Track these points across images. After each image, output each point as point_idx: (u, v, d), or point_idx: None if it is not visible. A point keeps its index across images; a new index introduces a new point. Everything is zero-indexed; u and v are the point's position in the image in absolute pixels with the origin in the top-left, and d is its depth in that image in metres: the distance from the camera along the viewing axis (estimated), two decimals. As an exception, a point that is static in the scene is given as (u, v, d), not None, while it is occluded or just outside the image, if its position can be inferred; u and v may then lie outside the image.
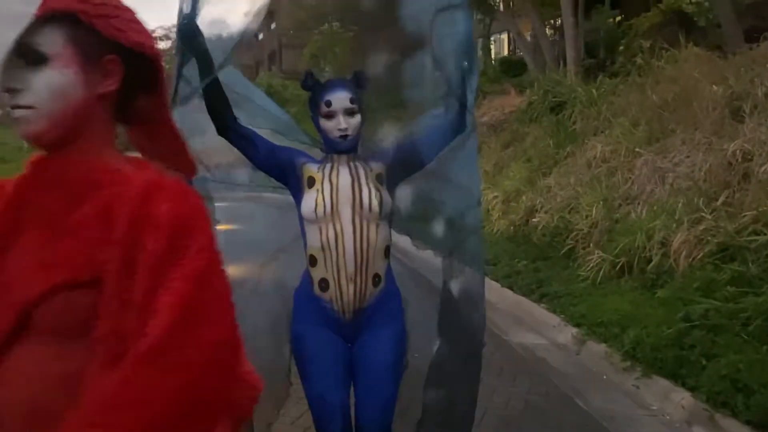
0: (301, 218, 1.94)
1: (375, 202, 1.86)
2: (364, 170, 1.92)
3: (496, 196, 8.64)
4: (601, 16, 18.93)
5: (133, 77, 0.93)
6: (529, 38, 17.61)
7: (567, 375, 3.83)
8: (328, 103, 1.89)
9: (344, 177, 1.90)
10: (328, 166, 1.94)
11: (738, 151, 4.95)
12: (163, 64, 1.00)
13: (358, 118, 1.91)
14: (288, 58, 38.24)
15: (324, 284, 1.90)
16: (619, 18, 19.76)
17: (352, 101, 1.90)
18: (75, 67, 0.87)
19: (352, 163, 1.93)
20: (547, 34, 16.33)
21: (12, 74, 0.85)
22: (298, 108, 24.34)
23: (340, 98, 1.89)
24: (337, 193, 1.87)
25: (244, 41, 2.00)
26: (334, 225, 1.86)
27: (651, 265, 4.94)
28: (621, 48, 13.83)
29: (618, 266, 5.25)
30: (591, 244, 5.90)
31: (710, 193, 4.97)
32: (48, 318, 0.84)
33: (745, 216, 4.39)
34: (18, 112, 0.85)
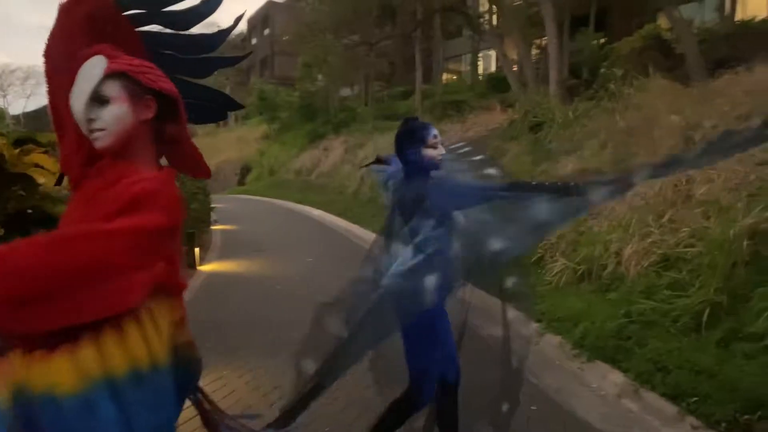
0: None
1: None
2: None
3: (476, 208, 9.35)
4: (585, 37, 19.76)
5: (163, 111, 1.51)
6: (515, 56, 18.39)
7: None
8: (435, 137, 2.55)
9: None
10: None
11: (683, 176, 5.69)
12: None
13: None
14: (281, 64, 38.82)
15: None
16: (603, 40, 20.65)
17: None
18: (127, 103, 1.45)
19: None
20: (530, 54, 17.06)
21: (90, 111, 1.45)
22: (290, 113, 24.63)
23: (437, 134, 2.57)
24: None
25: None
26: None
27: (606, 271, 5.67)
28: (602, 70, 14.58)
29: (579, 273, 5.96)
30: (557, 254, 6.62)
31: (659, 210, 5.71)
32: None
33: (683, 231, 5.13)
34: (95, 134, 1.45)
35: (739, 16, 17.42)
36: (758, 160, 5.13)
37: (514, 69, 17.63)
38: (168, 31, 1.78)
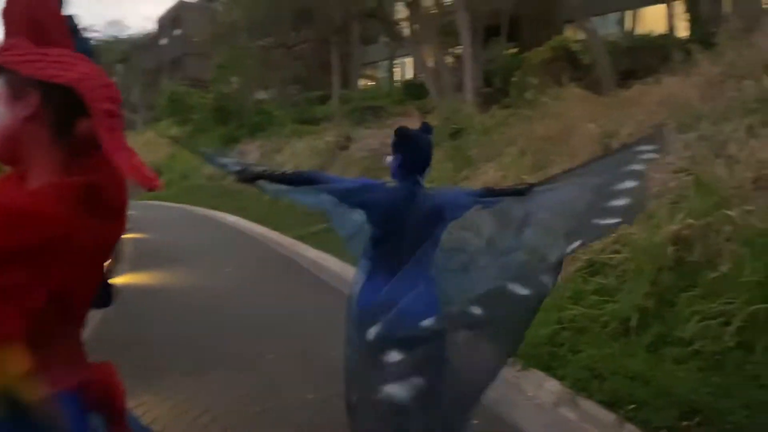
0: None
1: None
2: None
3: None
4: (497, 47, 20.35)
5: (61, 104, 1.23)
6: (432, 65, 18.64)
7: (461, 370, 4.47)
8: None
9: None
10: None
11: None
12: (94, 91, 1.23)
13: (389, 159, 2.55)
14: (192, 65, 37.64)
15: None
16: (514, 51, 21.33)
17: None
18: (3, 100, 1.21)
19: None
20: (447, 62, 17.34)
21: None
22: (202, 116, 23.84)
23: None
24: None
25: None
26: None
27: (533, 277, 5.72)
28: (514, 79, 15.01)
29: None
30: (483, 260, 6.65)
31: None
32: None
33: (608, 237, 5.24)
34: None
35: (638, 30, 18.45)
36: (675, 167, 5.34)
37: (432, 76, 17.85)
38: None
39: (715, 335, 3.64)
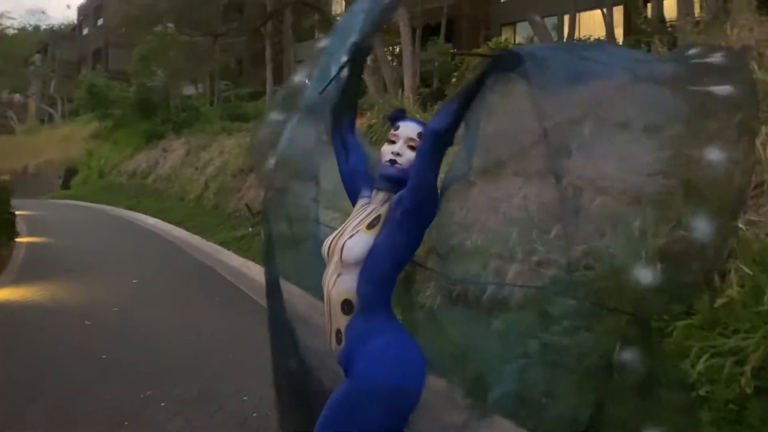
0: None
1: (342, 246, 1.70)
2: (372, 211, 1.78)
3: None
4: (435, 47, 19.88)
5: None
6: (369, 62, 17.89)
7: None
8: (396, 127, 1.84)
9: (358, 217, 1.78)
10: (364, 205, 1.84)
11: (570, 186, 5.12)
12: None
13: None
14: (115, 57, 35.69)
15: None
16: (452, 51, 20.90)
17: (419, 135, 1.80)
18: None
19: (377, 205, 1.80)
20: (387, 59, 16.67)
21: None
22: (124, 110, 22.48)
23: (409, 127, 1.84)
24: (339, 236, 1.75)
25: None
26: (327, 269, 1.76)
27: (486, 294, 4.93)
28: (454, 80, 14.43)
29: (454, 294, 5.19)
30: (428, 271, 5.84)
31: (543, 225, 5.09)
32: None
33: (576, 250, 4.50)
34: None
35: (576, 35, 18.39)
36: (649, 170, 4.65)
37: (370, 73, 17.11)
38: None
39: (727, 378, 2.91)
